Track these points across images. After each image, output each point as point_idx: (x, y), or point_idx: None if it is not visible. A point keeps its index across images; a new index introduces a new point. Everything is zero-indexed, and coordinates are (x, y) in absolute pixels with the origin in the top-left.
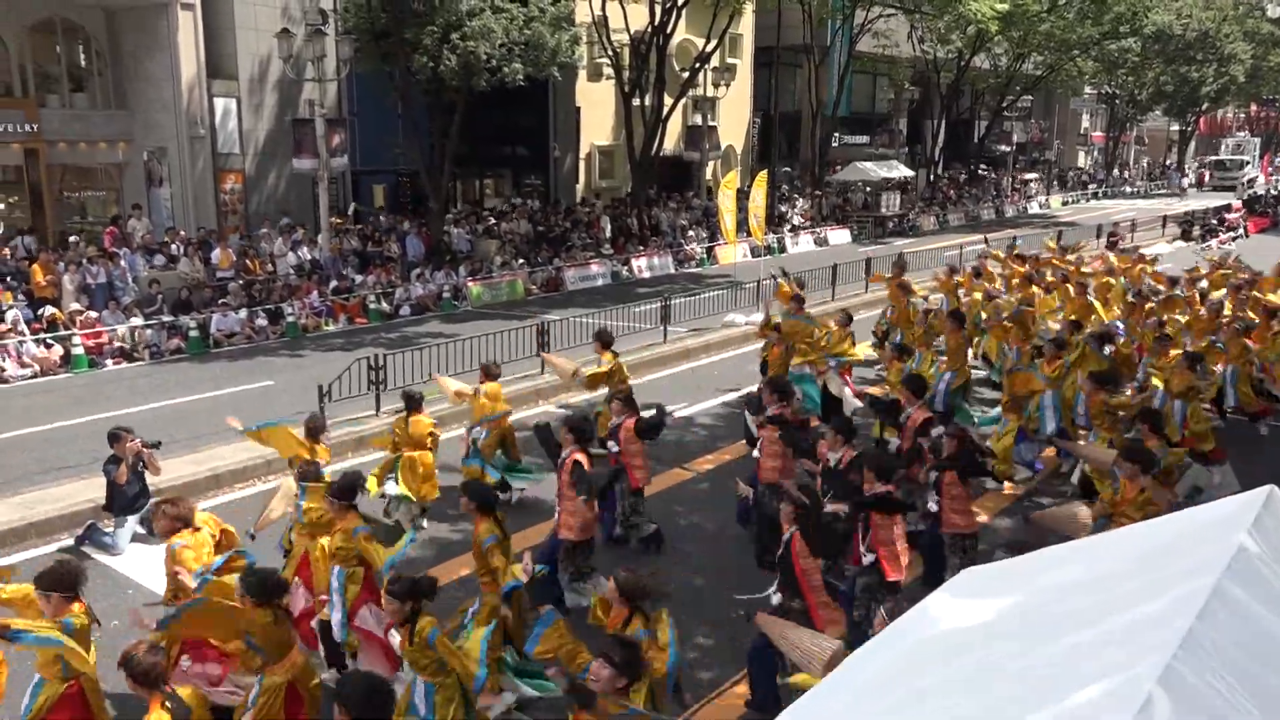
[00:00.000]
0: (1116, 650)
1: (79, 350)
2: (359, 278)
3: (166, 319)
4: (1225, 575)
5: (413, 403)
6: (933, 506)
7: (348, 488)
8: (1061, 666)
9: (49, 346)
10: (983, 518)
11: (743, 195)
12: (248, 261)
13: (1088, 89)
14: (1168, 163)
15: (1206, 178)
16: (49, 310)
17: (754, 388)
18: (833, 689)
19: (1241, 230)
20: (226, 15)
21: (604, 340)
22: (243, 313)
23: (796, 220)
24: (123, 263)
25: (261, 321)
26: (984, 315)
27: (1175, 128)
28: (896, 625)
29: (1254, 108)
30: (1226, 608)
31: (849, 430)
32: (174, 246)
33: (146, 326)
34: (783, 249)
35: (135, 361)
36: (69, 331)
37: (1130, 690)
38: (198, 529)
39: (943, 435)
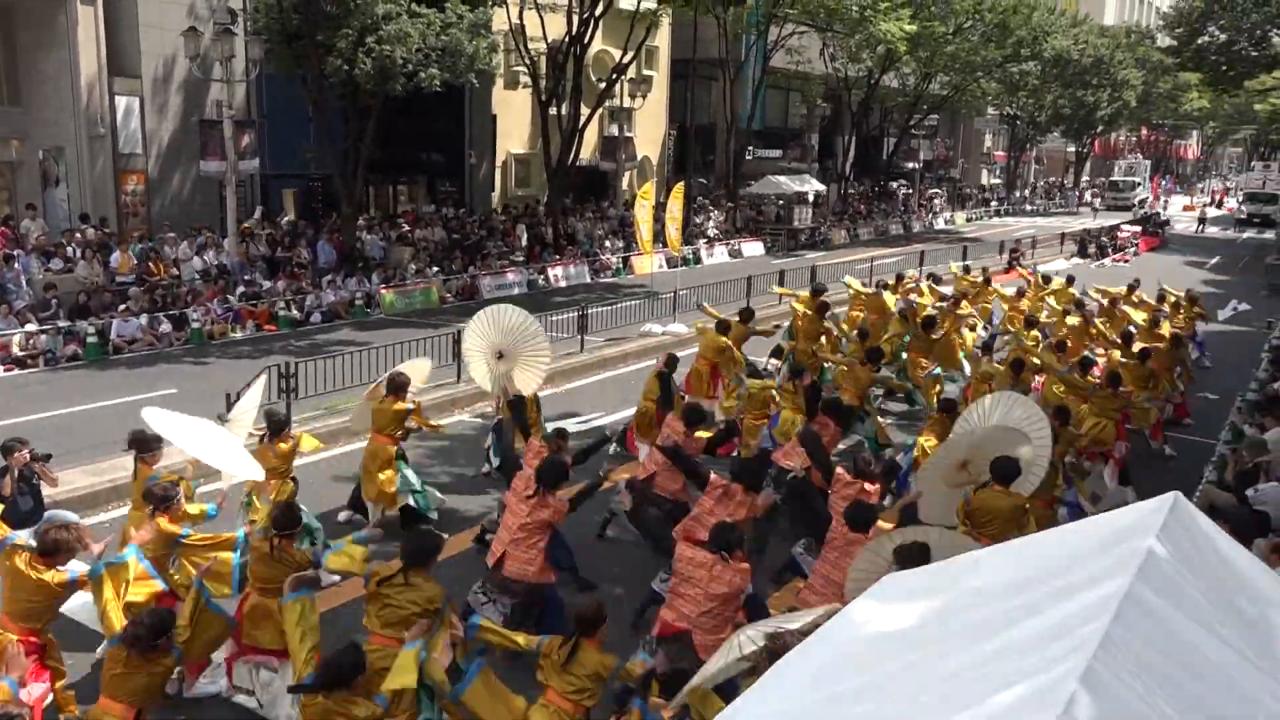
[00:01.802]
0: (1036, 653)
1: None
2: (267, 283)
3: (63, 324)
4: (1136, 579)
5: (276, 425)
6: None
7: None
8: (983, 669)
9: None
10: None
11: (658, 206)
12: (150, 265)
13: (990, 109)
14: (1065, 182)
15: (1101, 198)
16: None
17: None
18: (758, 696)
19: (1133, 249)
20: (129, 11)
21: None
22: (144, 318)
23: (711, 232)
24: (17, 265)
25: (165, 328)
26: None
27: (1072, 149)
28: (821, 631)
29: (1145, 131)
30: (1140, 611)
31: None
32: (71, 249)
33: (41, 332)
34: (698, 260)
35: (29, 368)
36: None
37: (1052, 691)
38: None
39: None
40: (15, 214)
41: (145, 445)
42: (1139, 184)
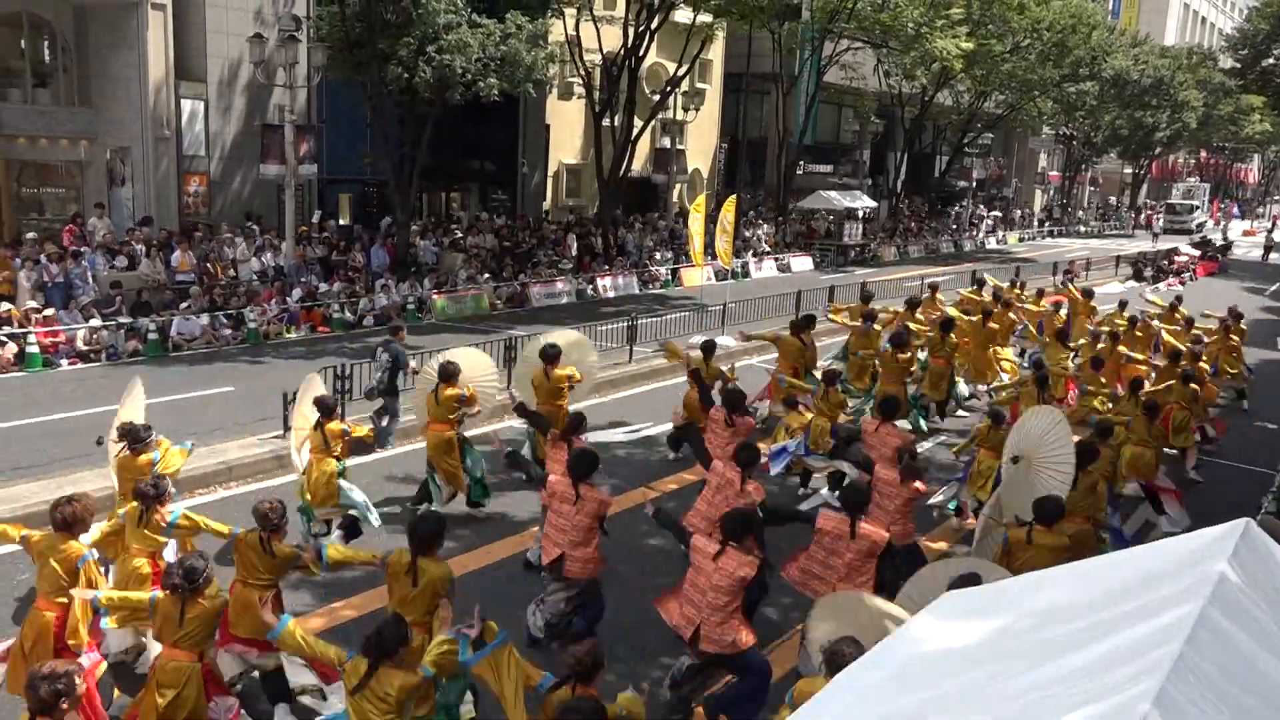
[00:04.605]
0: (1108, 673)
1: (34, 349)
2: (322, 286)
3: (125, 320)
4: (1209, 604)
5: (325, 408)
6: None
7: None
8: (1052, 689)
9: (2, 344)
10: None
11: (709, 219)
12: (209, 265)
13: (1046, 129)
14: (1120, 204)
15: (1159, 221)
16: (5, 307)
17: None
18: (813, 712)
19: (1190, 273)
20: (198, 17)
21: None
22: (204, 317)
23: (761, 246)
24: (84, 262)
25: (226, 331)
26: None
27: (1128, 170)
28: (879, 648)
29: (1204, 154)
30: (1212, 635)
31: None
32: (136, 247)
33: (104, 327)
34: (746, 274)
35: (91, 363)
36: (25, 329)
37: (1126, 712)
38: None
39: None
40: (83, 212)
41: (136, 437)
42: (1197, 207)
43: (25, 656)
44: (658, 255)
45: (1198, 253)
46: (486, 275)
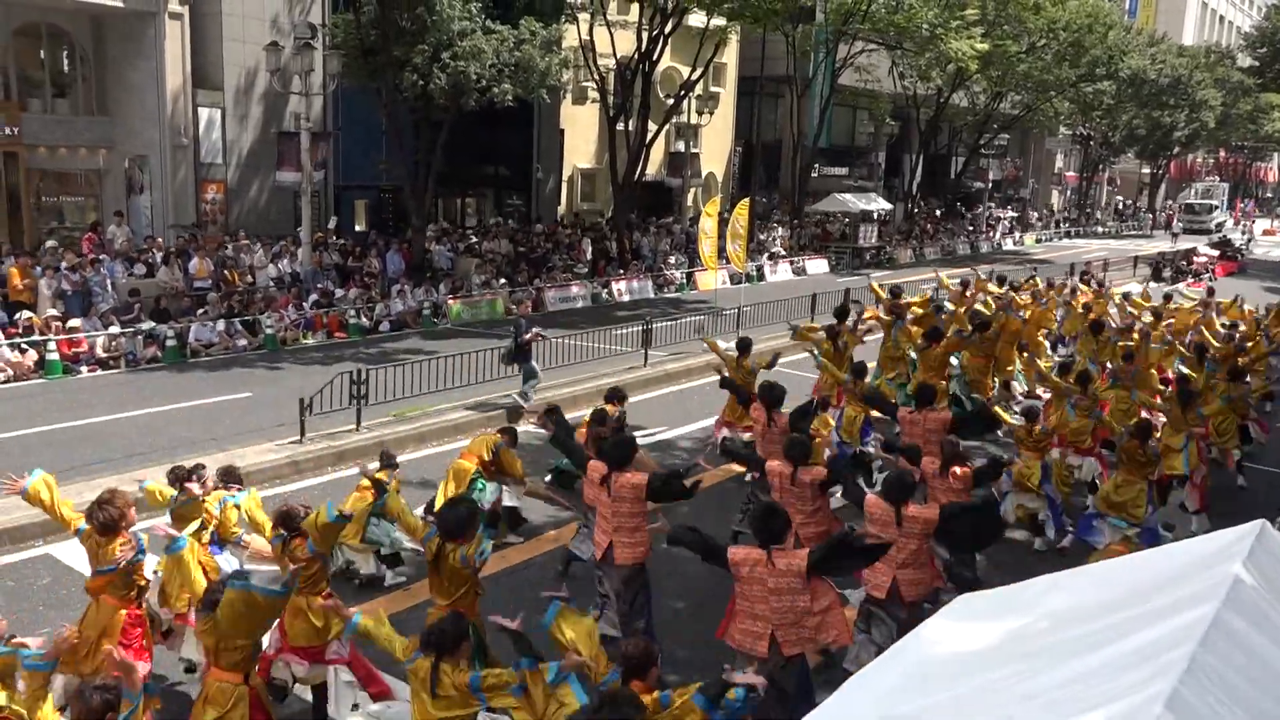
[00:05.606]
0: (1122, 675)
1: (54, 356)
2: (339, 291)
3: (144, 327)
4: (1224, 605)
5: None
6: None
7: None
8: (1066, 691)
9: (23, 351)
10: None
11: (723, 222)
12: (226, 272)
13: (1063, 129)
14: (1138, 204)
15: (1175, 221)
16: (25, 315)
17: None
18: (829, 713)
19: (1209, 273)
20: (214, 26)
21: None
22: (221, 323)
23: (776, 249)
24: (103, 270)
25: (241, 341)
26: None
27: (1146, 170)
28: (893, 650)
29: (1222, 153)
30: (1226, 637)
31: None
32: (154, 254)
33: (123, 334)
34: (761, 277)
35: (110, 369)
36: (45, 337)
37: (1139, 715)
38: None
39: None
40: (102, 220)
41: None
42: (1216, 207)
43: (83, 644)
44: (672, 259)
45: (1216, 253)
46: (502, 280)
